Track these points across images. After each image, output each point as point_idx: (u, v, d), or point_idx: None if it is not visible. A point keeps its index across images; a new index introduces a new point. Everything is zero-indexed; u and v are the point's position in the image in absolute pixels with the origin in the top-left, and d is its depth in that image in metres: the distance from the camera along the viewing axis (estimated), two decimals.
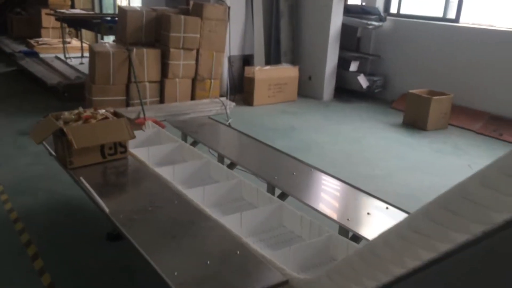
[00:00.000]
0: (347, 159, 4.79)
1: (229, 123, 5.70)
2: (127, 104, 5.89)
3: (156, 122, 5.48)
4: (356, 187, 2.57)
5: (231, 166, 2.95)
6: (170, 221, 2.06)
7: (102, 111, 2.86)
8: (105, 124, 2.69)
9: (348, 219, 2.10)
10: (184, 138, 3.39)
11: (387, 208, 2.30)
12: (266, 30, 7.28)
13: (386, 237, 1.20)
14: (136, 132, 2.81)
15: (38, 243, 2.97)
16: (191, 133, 3.33)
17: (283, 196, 2.54)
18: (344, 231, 2.06)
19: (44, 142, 2.78)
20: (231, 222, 2.06)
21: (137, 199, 2.29)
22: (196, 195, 2.36)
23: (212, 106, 6.21)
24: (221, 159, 3.04)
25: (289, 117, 6.23)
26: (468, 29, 6.35)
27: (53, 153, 2.75)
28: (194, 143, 3.32)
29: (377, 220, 2.19)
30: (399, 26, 7.07)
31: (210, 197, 2.46)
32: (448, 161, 4.83)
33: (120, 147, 2.75)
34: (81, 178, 2.42)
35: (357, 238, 2.03)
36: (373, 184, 4.14)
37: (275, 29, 7.31)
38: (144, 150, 2.97)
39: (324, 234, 2.01)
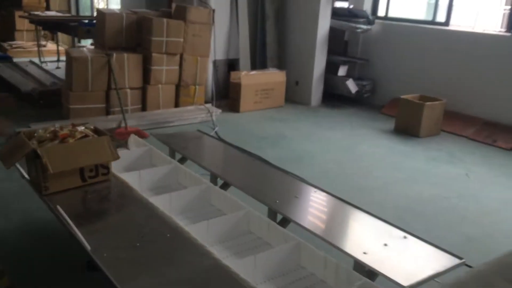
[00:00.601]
0: (340, 170, 4.58)
1: (215, 132, 5.44)
2: (107, 112, 5.57)
3: (138, 132, 5.20)
4: (369, 213, 2.33)
5: (225, 186, 2.70)
6: (164, 260, 1.78)
7: (81, 128, 2.57)
8: (84, 143, 2.40)
9: (364, 253, 1.87)
10: (172, 154, 3.12)
11: (404, 237, 2.08)
12: (252, 34, 7.04)
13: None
14: (123, 152, 2.53)
15: (9, 274, 2.66)
16: (180, 149, 3.06)
17: (284, 222, 2.30)
18: (359, 266, 1.83)
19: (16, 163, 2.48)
20: (243, 267, 1.76)
21: (123, 231, 2.01)
22: (197, 230, 2.08)
23: (197, 113, 5.94)
24: (214, 178, 2.78)
25: (278, 124, 6.00)
26: (458, 33, 6.23)
27: (26, 175, 2.45)
28: (182, 159, 3.06)
29: (395, 252, 1.96)
30: (387, 30, 6.92)
31: (214, 230, 2.18)
32: (444, 170, 4.67)
33: (102, 169, 2.47)
34: (58, 207, 2.13)
35: (374, 274, 1.81)
36: (369, 197, 3.95)
37: (261, 33, 7.08)
38: (135, 174, 2.66)
39: (356, 283, 1.71)
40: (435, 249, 2.00)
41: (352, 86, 6.82)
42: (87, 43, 9.06)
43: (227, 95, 6.65)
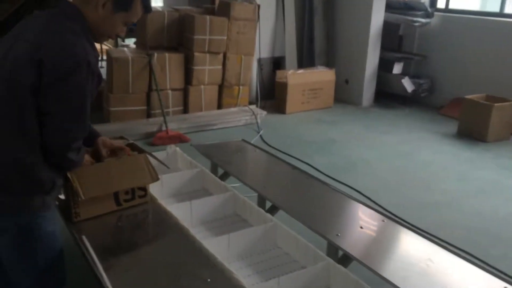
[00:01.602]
0: (400, 181, 4.12)
1: (260, 136, 5.10)
2: (148, 114, 5.34)
3: (179, 136, 4.94)
4: (467, 259, 1.88)
5: (273, 210, 2.34)
6: None
7: (119, 141, 2.28)
8: (120, 163, 2.10)
9: None
10: (214, 169, 2.80)
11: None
12: (299, 30, 6.63)
13: None
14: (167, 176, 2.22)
15: None
16: (223, 164, 2.73)
17: (344, 261, 1.92)
18: None
19: None
20: None
21: (156, 271, 1.70)
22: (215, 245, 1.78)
23: (241, 115, 5.61)
24: (262, 200, 2.42)
25: (327, 127, 5.58)
26: None
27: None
28: (224, 175, 2.72)
29: None
30: (448, 23, 6.32)
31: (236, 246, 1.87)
32: None
33: (139, 191, 2.17)
34: (83, 238, 1.84)
35: None
36: (437, 215, 3.49)
37: (308, 28, 6.65)
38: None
39: None
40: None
41: (408, 84, 6.28)
42: (131, 42, 8.92)
43: (272, 96, 6.28)
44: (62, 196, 2.11)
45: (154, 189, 2.25)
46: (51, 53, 1.51)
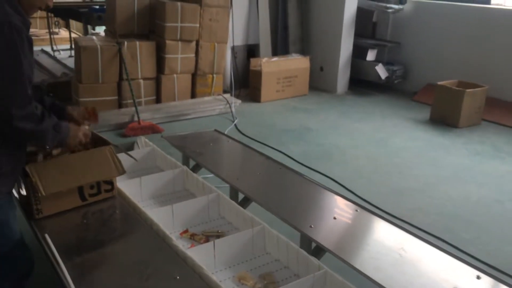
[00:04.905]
0: (374, 168, 4.13)
1: (235, 125, 5.03)
2: (120, 105, 5.20)
3: (152, 126, 4.84)
4: (439, 247, 1.87)
5: (245, 202, 2.30)
6: None
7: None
8: (83, 156, 2.02)
9: None
10: (186, 160, 2.73)
11: (478, 277, 1.65)
12: (273, 17, 6.54)
13: None
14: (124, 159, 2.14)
15: None
16: (195, 155, 2.66)
17: (317, 253, 1.89)
18: None
19: None
20: None
21: (123, 270, 1.63)
22: (202, 253, 1.72)
23: (215, 104, 5.53)
24: (234, 192, 2.37)
25: (302, 115, 5.55)
26: (501, 12, 5.63)
27: (16, 194, 2.08)
28: (196, 167, 2.66)
29: None
30: (421, 9, 6.34)
31: (222, 253, 1.81)
32: (491, 167, 4.17)
33: (104, 184, 2.09)
34: (47, 236, 1.76)
35: None
36: (411, 201, 3.51)
37: (282, 15, 6.58)
38: (135, 181, 2.31)
39: None
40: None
41: (381, 71, 6.30)
42: (101, 30, 8.67)
43: (247, 84, 6.21)
44: (23, 192, 2.02)
45: (132, 191, 2.18)
46: None
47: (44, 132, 1.68)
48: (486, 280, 1.65)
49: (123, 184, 2.21)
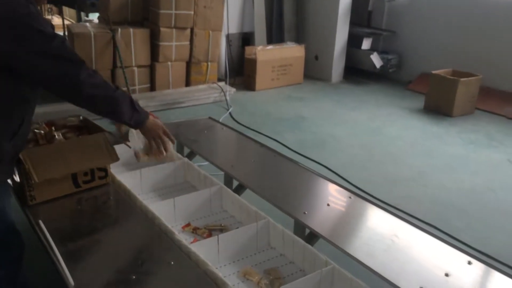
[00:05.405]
0: (368, 157, 4.14)
1: (230, 113, 5.02)
2: None
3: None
4: (432, 233, 1.88)
5: (240, 189, 2.30)
6: None
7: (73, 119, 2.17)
8: (77, 143, 2.01)
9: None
10: (180, 148, 2.73)
11: (469, 263, 1.67)
12: (268, 4, 6.50)
13: None
14: (121, 149, 2.14)
15: None
16: (189, 143, 2.66)
17: (311, 239, 1.90)
18: None
19: None
20: None
21: (118, 257, 1.64)
22: (205, 247, 1.71)
23: (209, 92, 5.51)
24: (229, 179, 2.37)
25: (297, 104, 5.55)
26: (496, 1, 5.62)
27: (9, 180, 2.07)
28: (191, 154, 2.66)
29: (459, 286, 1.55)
30: None
31: (226, 248, 1.80)
32: (484, 155, 4.20)
33: (98, 171, 2.08)
34: (40, 222, 1.76)
35: None
36: (404, 189, 3.53)
37: (277, 3, 6.53)
38: (136, 174, 2.28)
39: None
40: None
41: (376, 60, 6.30)
42: (95, 17, 8.59)
43: (241, 72, 6.19)
44: (17, 178, 2.01)
45: (132, 184, 2.15)
46: None
47: (118, 100, 1.65)
48: (478, 266, 1.66)
49: (122, 176, 2.18)
